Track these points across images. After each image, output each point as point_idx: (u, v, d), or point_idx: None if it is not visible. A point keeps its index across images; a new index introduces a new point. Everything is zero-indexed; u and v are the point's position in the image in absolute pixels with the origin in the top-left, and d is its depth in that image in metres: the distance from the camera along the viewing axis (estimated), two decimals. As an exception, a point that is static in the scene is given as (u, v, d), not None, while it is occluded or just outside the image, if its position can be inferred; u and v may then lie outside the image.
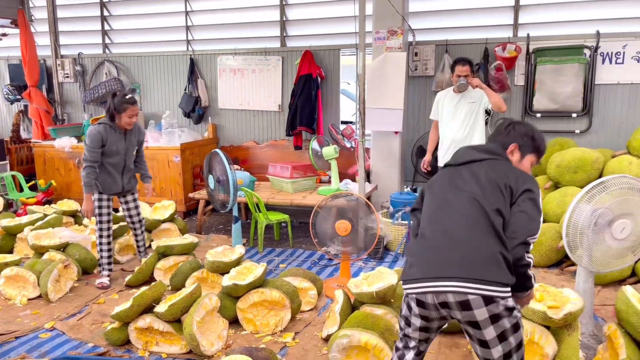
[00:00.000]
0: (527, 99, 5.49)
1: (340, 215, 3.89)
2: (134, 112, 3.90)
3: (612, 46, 5.17)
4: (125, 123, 3.91)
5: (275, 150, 6.51)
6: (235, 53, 6.57)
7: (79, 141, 6.72)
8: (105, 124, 3.91)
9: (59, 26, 7.46)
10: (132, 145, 4.11)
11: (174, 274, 3.92)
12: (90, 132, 3.85)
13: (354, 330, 2.75)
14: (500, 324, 1.81)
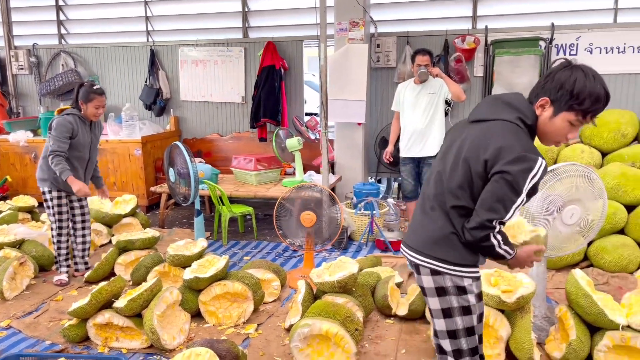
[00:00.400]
0: (486, 90, 5.61)
1: (305, 206, 3.91)
2: (100, 103, 3.79)
3: (566, 38, 5.33)
4: (91, 114, 3.80)
5: (240, 143, 6.47)
6: (197, 44, 6.48)
7: (34, 135, 6.52)
8: (74, 114, 3.78)
9: (12, 16, 7.19)
10: (97, 138, 4.00)
11: (134, 269, 3.86)
12: (60, 122, 3.70)
13: (315, 319, 2.77)
14: (447, 299, 1.87)
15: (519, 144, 1.69)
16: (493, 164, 1.71)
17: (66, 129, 3.70)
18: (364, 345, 3.04)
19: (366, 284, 3.42)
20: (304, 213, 3.87)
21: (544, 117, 1.77)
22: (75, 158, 3.85)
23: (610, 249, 3.91)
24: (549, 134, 1.79)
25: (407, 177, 4.90)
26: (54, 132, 3.70)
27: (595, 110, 1.70)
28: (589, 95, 1.68)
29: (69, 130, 3.71)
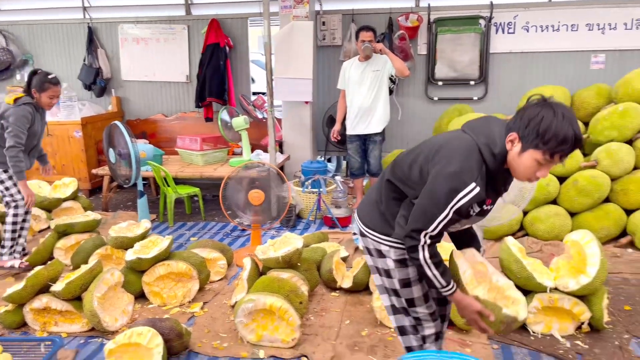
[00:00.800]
0: (430, 68, 5.72)
1: (253, 185, 3.90)
2: (55, 93, 3.68)
3: (505, 16, 5.47)
4: (45, 104, 3.69)
5: (185, 123, 6.34)
6: (138, 22, 6.26)
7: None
8: (31, 103, 3.65)
9: None
10: (45, 124, 3.90)
11: (75, 252, 3.75)
12: (19, 114, 3.55)
13: (260, 294, 2.79)
14: (384, 262, 2.00)
15: (459, 161, 1.68)
16: (429, 162, 1.77)
17: (26, 120, 3.58)
18: (309, 318, 3.09)
19: (312, 259, 3.46)
20: (252, 191, 3.86)
21: (513, 152, 1.69)
22: (27, 146, 3.72)
23: (544, 218, 4.11)
24: (517, 170, 1.72)
25: (354, 155, 4.96)
26: (14, 124, 3.54)
27: (561, 150, 1.60)
28: (554, 136, 1.58)
29: (28, 122, 3.60)
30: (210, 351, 2.77)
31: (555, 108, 1.61)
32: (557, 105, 1.62)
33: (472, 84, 5.66)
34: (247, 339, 2.82)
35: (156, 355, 2.50)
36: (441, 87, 5.75)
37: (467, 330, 2.86)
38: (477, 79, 5.63)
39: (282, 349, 2.76)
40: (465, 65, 5.57)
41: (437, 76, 5.69)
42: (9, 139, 3.55)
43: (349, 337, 2.88)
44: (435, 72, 5.69)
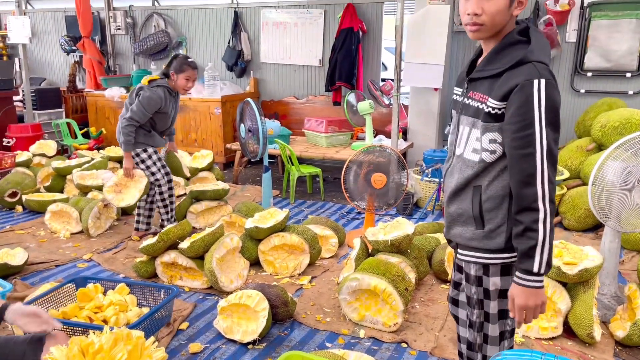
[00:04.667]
0: (578, 57, 5.19)
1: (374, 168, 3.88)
2: (191, 76, 3.74)
3: (677, 0, 4.76)
4: (181, 85, 3.74)
5: (314, 106, 6.52)
6: (279, 6, 6.54)
7: (127, 91, 6.98)
8: (164, 87, 3.73)
9: (112, -21, 7.66)
10: (178, 106, 4.00)
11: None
12: (151, 97, 3.64)
13: (365, 274, 2.79)
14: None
15: None
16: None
17: (155, 103, 3.66)
18: (415, 306, 3.02)
19: (423, 248, 3.37)
20: (376, 174, 3.84)
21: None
22: (159, 126, 3.87)
23: None
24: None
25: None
26: (143, 103, 3.63)
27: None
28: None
29: (157, 105, 3.68)
30: (313, 323, 2.84)
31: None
32: None
33: (629, 76, 5.03)
34: (350, 316, 2.84)
35: (261, 318, 2.63)
36: (590, 78, 5.20)
37: (591, 343, 2.58)
38: (635, 71, 4.98)
39: (382, 332, 2.74)
40: (621, 55, 4.97)
41: (587, 66, 5.15)
42: (130, 113, 3.65)
43: (454, 331, 2.75)
44: (584, 62, 5.15)
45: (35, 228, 4.34)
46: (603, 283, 2.92)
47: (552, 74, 1.47)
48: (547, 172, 1.42)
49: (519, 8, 1.51)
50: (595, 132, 4.46)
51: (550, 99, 1.42)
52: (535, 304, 1.48)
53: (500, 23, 1.51)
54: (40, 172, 5.24)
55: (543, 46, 1.51)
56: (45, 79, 8.40)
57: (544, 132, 1.42)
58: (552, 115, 1.42)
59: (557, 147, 1.45)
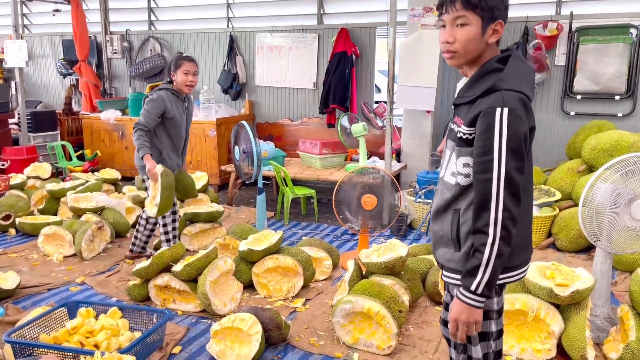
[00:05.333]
0: (568, 80, 5.28)
1: (366, 190, 3.91)
2: (190, 68, 3.64)
3: (662, 25, 4.88)
4: (182, 81, 3.64)
5: (309, 128, 6.57)
6: (273, 31, 6.64)
7: (123, 114, 7.02)
8: (166, 89, 3.67)
9: (109, 3, 7.76)
10: (190, 114, 3.89)
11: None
12: (152, 98, 3.60)
13: (358, 297, 2.79)
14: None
15: None
16: None
17: (157, 104, 3.58)
18: (409, 328, 3.01)
19: (417, 269, 3.38)
20: (366, 196, 3.87)
21: None
22: (175, 137, 3.76)
23: (694, 253, 3.57)
24: None
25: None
26: (146, 107, 3.60)
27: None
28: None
29: (160, 106, 3.59)
30: (307, 347, 2.82)
31: None
32: None
33: (617, 98, 5.11)
34: (343, 340, 2.83)
35: (254, 342, 2.62)
36: (580, 101, 5.28)
37: (583, 366, 2.57)
38: (623, 94, 5.07)
39: (376, 355, 2.73)
40: (609, 78, 5.05)
41: (576, 89, 5.23)
42: (138, 119, 3.59)
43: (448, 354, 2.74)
44: (574, 85, 5.24)
45: (28, 251, 4.32)
46: (596, 304, 2.93)
47: (524, 101, 1.48)
48: (503, 198, 1.45)
49: (494, 36, 1.54)
50: (586, 153, 4.52)
51: (512, 127, 1.43)
52: (467, 320, 1.53)
53: (475, 50, 1.55)
54: (34, 194, 5.24)
55: (519, 74, 1.53)
56: (41, 102, 8.45)
57: (503, 160, 1.44)
58: (514, 143, 1.44)
59: (519, 175, 1.46)
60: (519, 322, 2.74)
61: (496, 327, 1.68)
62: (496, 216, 1.45)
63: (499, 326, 1.69)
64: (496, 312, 1.67)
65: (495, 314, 1.67)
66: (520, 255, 1.63)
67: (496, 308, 1.66)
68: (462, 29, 1.52)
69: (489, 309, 1.64)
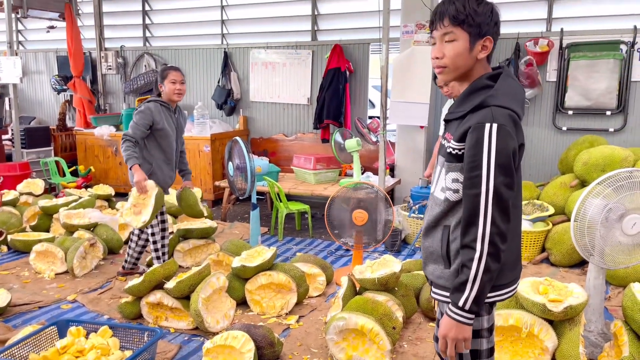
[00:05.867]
0: (559, 96, 5.33)
1: (358, 205, 3.91)
2: (176, 78, 3.66)
3: (651, 41, 4.95)
4: (170, 91, 3.66)
5: (303, 143, 6.59)
6: (268, 47, 6.69)
7: (117, 130, 7.02)
8: (155, 101, 3.68)
9: (104, 20, 7.81)
10: (181, 126, 3.91)
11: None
12: (140, 110, 3.61)
13: (352, 313, 2.78)
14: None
15: None
16: None
17: (145, 115, 3.59)
18: (403, 345, 3.00)
19: (411, 285, 3.37)
20: (356, 211, 3.88)
21: None
22: (167, 148, 3.76)
23: (687, 268, 3.58)
24: None
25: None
26: (134, 119, 3.61)
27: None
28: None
29: (148, 118, 3.59)
30: (300, 364, 2.80)
31: None
32: None
33: (609, 114, 5.16)
34: (337, 357, 2.81)
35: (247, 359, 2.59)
36: (571, 116, 5.33)
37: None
38: (614, 109, 5.12)
39: (370, 373, 2.71)
40: (600, 94, 5.11)
41: (568, 105, 5.28)
42: (126, 131, 3.61)
43: (442, 371, 2.72)
44: (565, 101, 5.29)
45: (19, 268, 4.28)
46: (589, 320, 2.93)
47: (514, 118, 1.50)
48: (491, 213, 1.45)
49: (482, 52, 1.56)
50: (578, 168, 4.55)
51: (501, 143, 1.44)
52: (455, 336, 1.52)
53: (464, 66, 1.56)
54: (26, 211, 5.21)
55: (510, 92, 1.54)
56: (35, 118, 8.44)
57: (492, 175, 1.44)
58: (502, 159, 1.44)
59: (508, 191, 1.46)
60: (512, 338, 2.73)
61: (487, 345, 1.67)
62: (484, 232, 1.45)
63: (490, 344, 1.68)
64: (487, 330, 1.66)
65: (486, 332, 1.65)
66: (510, 273, 1.63)
67: (486, 326, 1.65)
68: (450, 44, 1.55)
69: (480, 327, 1.63)
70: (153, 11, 7.55)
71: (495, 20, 1.56)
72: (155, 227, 3.82)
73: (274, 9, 6.71)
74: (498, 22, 1.57)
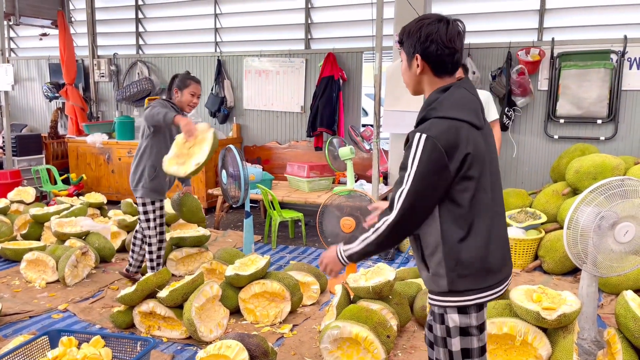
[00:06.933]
0: (551, 104, 5.38)
1: (347, 213, 3.91)
2: (197, 91, 3.62)
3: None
4: (186, 101, 3.58)
5: (297, 151, 6.60)
6: (261, 55, 6.71)
7: (109, 137, 6.99)
8: (167, 101, 3.60)
9: (97, 27, 7.80)
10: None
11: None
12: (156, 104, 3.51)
13: (346, 322, 2.77)
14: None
15: None
16: None
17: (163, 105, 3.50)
18: (397, 354, 2.99)
19: (405, 293, 3.36)
20: (344, 219, 3.88)
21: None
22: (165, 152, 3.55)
23: (678, 275, 3.60)
24: None
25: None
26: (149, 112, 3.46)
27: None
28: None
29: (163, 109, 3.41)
30: (294, 374, 2.78)
31: None
32: None
33: (599, 122, 5.21)
34: (331, 366, 2.79)
35: (241, 369, 2.57)
36: (563, 124, 5.38)
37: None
38: (605, 118, 5.17)
39: (364, 382, 2.69)
40: (591, 103, 5.16)
41: (559, 113, 5.33)
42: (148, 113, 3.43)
43: (437, 380, 2.72)
44: (556, 109, 5.34)
45: (10, 277, 4.23)
46: (583, 328, 2.93)
47: (455, 127, 1.59)
48: (400, 207, 1.60)
49: (419, 69, 1.69)
50: (570, 176, 4.58)
51: (424, 152, 1.56)
52: (328, 264, 1.78)
53: (411, 82, 1.77)
54: (17, 219, 5.17)
55: (455, 101, 1.64)
56: (27, 125, 8.39)
57: (411, 177, 1.59)
58: (422, 168, 1.57)
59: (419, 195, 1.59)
60: (506, 346, 2.73)
61: (478, 343, 1.70)
62: (392, 219, 1.62)
63: (480, 343, 1.71)
64: (476, 327, 1.69)
65: (475, 330, 1.68)
66: (494, 276, 1.69)
67: (475, 324, 1.68)
68: (401, 63, 1.76)
69: (468, 325, 1.67)
70: (146, 19, 7.56)
71: (426, 39, 1.64)
72: (153, 238, 3.77)
73: (268, 17, 6.73)
74: (433, 40, 1.64)
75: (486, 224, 1.65)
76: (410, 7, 5.25)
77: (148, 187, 3.65)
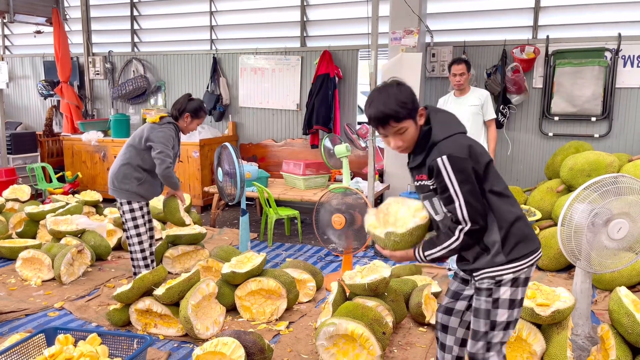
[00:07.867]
0: (545, 102, 5.41)
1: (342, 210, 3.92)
2: (201, 122, 3.89)
3: (634, 49, 5.04)
4: (191, 128, 3.82)
5: (292, 149, 6.60)
6: (257, 52, 6.70)
7: (104, 135, 6.97)
8: (174, 123, 3.73)
9: (92, 25, 7.77)
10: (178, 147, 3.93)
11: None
12: (167, 135, 3.62)
13: (342, 319, 2.78)
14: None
15: None
16: None
17: (172, 139, 3.65)
18: (393, 350, 3.00)
19: (400, 290, 3.38)
20: (335, 215, 3.88)
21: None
22: None
23: (671, 271, 3.63)
24: None
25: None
26: (164, 143, 3.59)
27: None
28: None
29: (172, 142, 3.65)
30: (290, 370, 2.80)
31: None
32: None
33: (594, 120, 5.24)
34: (327, 363, 2.81)
35: (237, 366, 2.58)
36: (557, 122, 5.41)
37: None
38: (599, 115, 5.20)
39: (360, 378, 2.71)
40: (586, 100, 5.19)
41: (554, 111, 5.36)
42: (161, 161, 3.57)
43: (432, 376, 2.74)
44: (551, 107, 5.37)
45: (5, 275, 4.23)
46: (576, 324, 2.96)
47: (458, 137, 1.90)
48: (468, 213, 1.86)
49: (421, 118, 1.96)
50: (564, 174, 4.60)
51: (455, 165, 1.84)
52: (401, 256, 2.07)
53: (416, 137, 1.96)
54: (12, 217, 5.15)
55: (443, 121, 1.95)
56: (21, 123, 8.36)
57: (458, 190, 1.85)
58: (461, 175, 1.84)
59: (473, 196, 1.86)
60: (501, 343, 2.74)
61: (517, 315, 1.98)
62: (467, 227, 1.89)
63: (518, 315, 1.99)
64: (519, 301, 1.97)
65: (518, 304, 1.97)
66: (535, 240, 1.98)
67: (520, 297, 1.96)
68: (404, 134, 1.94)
69: (515, 297, 1.94)
70: (142, 16, 7.54)
71: (412, 100, 1.94)
72: (145, 244, 3.78)
73: (264, 15, 6.73)
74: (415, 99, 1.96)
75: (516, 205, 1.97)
76: (406, 4, 5.27)
77: (135, 191, 3.67)
